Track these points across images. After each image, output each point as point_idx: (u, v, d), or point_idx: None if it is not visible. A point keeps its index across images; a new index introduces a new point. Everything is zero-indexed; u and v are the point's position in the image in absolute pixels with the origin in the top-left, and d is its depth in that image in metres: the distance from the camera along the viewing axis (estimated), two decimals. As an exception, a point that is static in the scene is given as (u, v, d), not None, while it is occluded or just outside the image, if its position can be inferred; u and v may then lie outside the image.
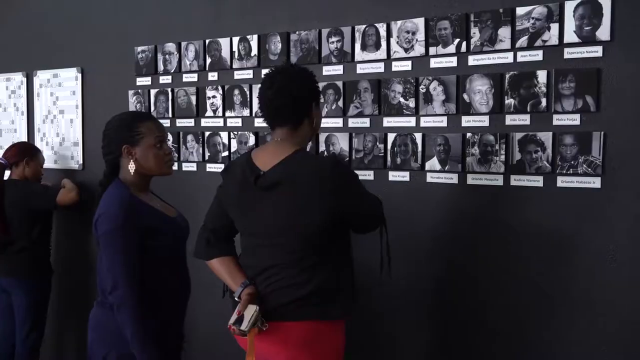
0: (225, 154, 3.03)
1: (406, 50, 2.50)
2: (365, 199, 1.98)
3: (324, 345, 1.92)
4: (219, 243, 2.08)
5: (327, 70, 2.70)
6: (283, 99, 1.94)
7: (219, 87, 3.04)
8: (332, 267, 1.94)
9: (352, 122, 2.65)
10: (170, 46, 3.20)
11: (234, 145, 2.99)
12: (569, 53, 2.19)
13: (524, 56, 2.27)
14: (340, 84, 2.66)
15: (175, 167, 3.20)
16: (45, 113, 3.83)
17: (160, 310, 2.04)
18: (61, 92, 3.74)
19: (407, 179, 2.51)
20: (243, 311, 1.86)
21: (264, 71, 2.85)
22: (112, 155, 2.11)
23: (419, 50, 2.47)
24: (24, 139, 3.90)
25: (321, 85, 2.68)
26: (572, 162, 2.18)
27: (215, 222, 2.09)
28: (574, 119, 2.18)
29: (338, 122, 2.68)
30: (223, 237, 2.10)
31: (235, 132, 2.99)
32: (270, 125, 2.02)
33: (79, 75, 3.63)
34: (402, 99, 2.51)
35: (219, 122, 3.06)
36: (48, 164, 3.76)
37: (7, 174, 3.43)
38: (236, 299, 1.95)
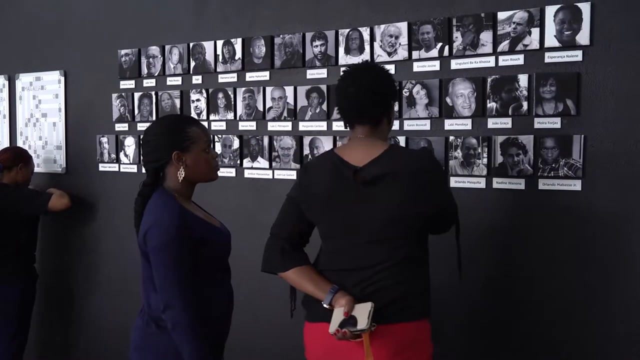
0: (210, 157, 3.02)
1: (389, 54, 2.52)
2: (448, 186, 1.96)
3: (426, 343, 1.87)
4: (294, 252, 1.94)
5: (311, 73, 2.71)
6: (366, 96, 1.86)
7: (203, 91, 3.03)
8: (425, 264, 1.91)
9: (336, 126, 2.65)
10: (154, 49, 3.19)
11: (218, 149, 2.99)
12: (549, 57, 2.22)
13: (505, 60, 2.29)
14: (324, 87, 2.67)
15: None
16: (28, 116, 3.80)
17: (207, 326, 1.89)
18: (44, 95, 3.71)
19: (391, 182, 2.52)
20: (351, 312, 1.73)
21: (248, 74, 2.90)
22: (159, 162, 1.94)
23: (402, 54, 2.49)
24: (6, 142, 3.87)
25: (305, 88, 2.71)
26: (553, 165, 2.21)
27: (291, 229, 1.95)
28: (555, 123, 2.21)
29: (322, 125, 2.69)
30: (299, 245, 1.97)
31: (220, 136, 2.99)
32: (349, 122, 1.94)
33: (62, 79, 3.60)
34: (385, 103, 2.53)
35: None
36: (31, 167, 3.74)
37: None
38: (326, 306, 1.80)
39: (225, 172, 2.97)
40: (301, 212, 1.93)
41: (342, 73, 1.94)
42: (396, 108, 2.43)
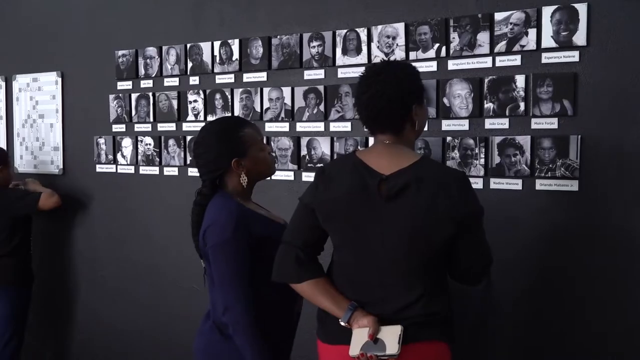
0: (207, 158, 3.02)
1: (387, 54, 2.52)
2: (483, 230, 1.76)
3: None
4: (310, 262, 1.80)
5: (309, 74, 2.71)
6: (380, 103, 1.72)
7: (200, 92, 3.03)
8: (446, 284, 1.78)
9: (334, 126, 2.66)
10: (151, 50, 3.19)
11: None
12: (546, 58, 2.22)
13: (502, 61, 2.30)
14: (321, 88, 2.67)
15: (156, 171, 3.21)
16: (25, 117, 3.79)
17: (272, 329, 1.83)
18: (41, 96, 3.70)
19: (388, 182, 2.52)
20: (377, 334, 1.62)
21: (246, 75, 2.90)
22: (218, 172, 1.91)
23: (399, 54, 2.49)
24: (3, 143, 3.86)
25: (302, 89, 2.71)
26: (550, 166, 2.21)
27: (305, 237, 1.80)
28: (552, 123, 2.21)
29: (319, 126, 2.69)
30: (314, 254, 1.83)
31: (217, 137, 2.98)
32: (370, 131, 1.82)
33: (59, 80, 3.60)
34: (383, 103, 2.53)
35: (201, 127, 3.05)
36: (27, 168, 3.73)
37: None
38: (343, 324, 1.70)
39: (223, 173, 2.97)
40: (315, 219, 1.78)
41: (358, 76, 1.82)
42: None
